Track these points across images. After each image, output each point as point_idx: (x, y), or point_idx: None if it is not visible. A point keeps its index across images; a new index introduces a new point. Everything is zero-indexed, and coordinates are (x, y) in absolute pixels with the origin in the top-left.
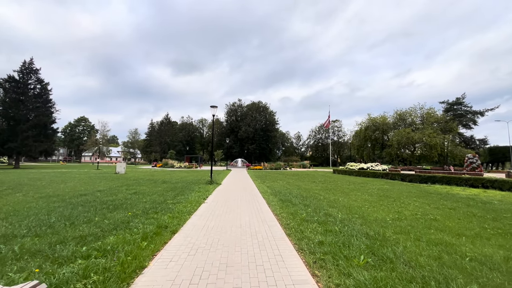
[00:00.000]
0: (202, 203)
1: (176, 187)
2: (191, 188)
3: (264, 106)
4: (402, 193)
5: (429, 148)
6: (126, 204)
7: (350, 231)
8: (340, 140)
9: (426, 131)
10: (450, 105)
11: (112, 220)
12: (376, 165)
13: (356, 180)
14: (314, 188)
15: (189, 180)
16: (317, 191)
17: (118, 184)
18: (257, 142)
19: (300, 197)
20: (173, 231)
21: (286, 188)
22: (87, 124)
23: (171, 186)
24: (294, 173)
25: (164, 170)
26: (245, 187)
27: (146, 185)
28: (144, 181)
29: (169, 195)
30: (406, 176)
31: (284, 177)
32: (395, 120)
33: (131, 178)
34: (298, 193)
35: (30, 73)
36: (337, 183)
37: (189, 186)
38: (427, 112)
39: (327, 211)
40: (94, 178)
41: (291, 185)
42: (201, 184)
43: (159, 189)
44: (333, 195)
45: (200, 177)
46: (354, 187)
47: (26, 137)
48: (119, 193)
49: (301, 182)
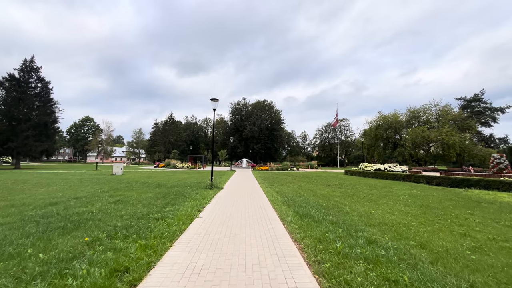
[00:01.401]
0: (195, 219)
1: (169, 193)
2: (187, 195)
3: (269, 104)
4: (443, 201)
5: (446, 147)
6: (95, 219)
7: (430, 282)
8: (347, 140)
9: (443, 129)
10: (468, 102)
11: (52, 254)
12: (394, 166)
13: (375, 183)
14: (332, 194)
15: (188, 183)
16: (338, 199)
17: (105, 189)
18: (263, 141)
19: (321, 208)
20: (133, 281)
21: (299, 194)
22: (92, 124)
23: (164, 191)
24: (303, 175)
25: (164, 171)
26: (251, 192)
27: (136, 190)
28: (137, 185)
29: (157, 205)
30: (432, 179)
31: (294, 179)
32: (408, 118)
33: (125, 180)
34: (315, 201)
35: (31, 72)
36: (355, 187)
37: (185, 191)
38: (443, 109)
39: (367, 234)
40: (84, 180)
41: (304, 190)
42: (200, 188)
43: (148, 196)
44: (360, 205)
45: (200, 179)
46: (378, 192)
47: (26, 136)
48: (98, 202)
49: (315, 186)
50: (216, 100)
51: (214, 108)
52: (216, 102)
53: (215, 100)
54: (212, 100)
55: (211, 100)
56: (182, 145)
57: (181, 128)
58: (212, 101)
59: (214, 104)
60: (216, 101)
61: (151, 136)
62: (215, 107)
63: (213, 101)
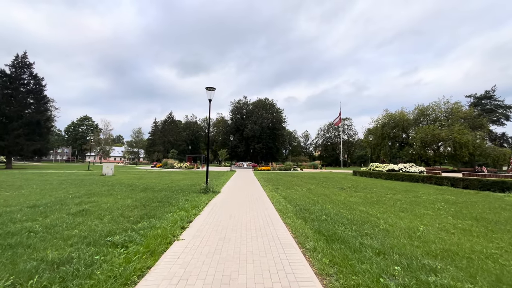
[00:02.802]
0: (174, 242)
1: (153, 199)
2: (174, 202)
3: (270, 103)
4: (497, 211)
5: (458, 146)
6: (23, 245)
7: None
8: (350, 139)
9: (455, 128)
10: (478, 99)
11: None
12: (410, 166)
13: (393, 186)
14: (351, 200)
15: (180, 186)
16: (362, 207)
17: (80, 193)
18: (264, 141)
19: (347, 222)
20: None
21: (312, 201)
22: (91, 124)
23: (148, 196)
24: (309, 175)
25: (159, 172)
26: (253, 198)
27: (116, 195)
28: (121, 187)
29: (130, 218)
30: (457, 181)
31: (300, 181)
32: (416, 116)
33: (111, 182)
34: (336, 212)
35: (23, 68)
36: (373, 190)
37: (173, 197)
38: (454, 107)
39: (443, 277)
40: (65, 182)
41: (316, 195)
42: (192, 192)
43: (126, 203)
44: (395, 217)
45: (196, 181)
46: (405, 197)
47: (18, 135)
48: (56, 212)
49: (326, 189)
50: (212, 89)
51: (209, 99)
52: (212, 92)
53: (211, 89)
54: (207, 89)
55: (207, 90)
56: (181, 144)
57: (181, 128)
58: (208, 90)
59: (210, 94)
60: (212, 90)
61: (150, 136)
62: (211, 97)
63: (209, 90)
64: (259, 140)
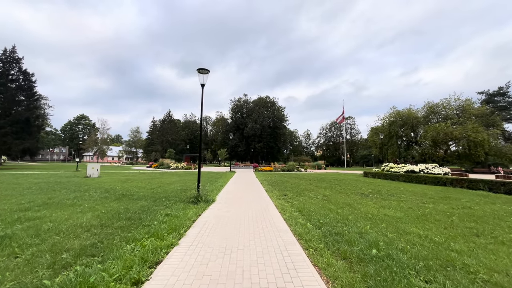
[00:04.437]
0: None
1: (122, 215)
2: (149, 219)
3: (271, 101)
4: None
5: (473, 145)
6: None
7: None
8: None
9: (469, 125)
10: (490, 96)
11: None
12: (433, 167)
13: (422, 191)
14: (387, 213)
15: (168, 191)
16: (414, 229)
17: (36, 202)
18: (265, 140)
19: (419, 265)
20: None
21: (339, 216)
22: (87, 123)
23: (119, 209)
24: (317, 177)
25: (152, 173)
26: (258, 211)
27: (79, 205)
28: (95, 193)
29: (64, 255)
30: (496, 185)
31: (309, 184)
32: (425, 114)
33: (86, 186)
34: (384, 238)
35: (12, 63)
36: (402, 196)
37: (151, 210)
38: (466, 104)
39: None
40: (34, 186)
41: (337, 205)
42: (179, 202)
43: (81, 221)
44: (479, 248)
45: (189, 185)
46: (452, 209)
47: (5, 133)
48: None
49: (346, 197)
50: (205, 72)
51: (202, 84)
52: (205, 76)
53: (203, 72)
54: (199, 71)
55: (199, 72)
56: (180, 144)
57: (180, 127)
58: (200, 73)
59: (202, 77)
60: (205, 73)
61: (148, 135)
62: (203, 81)
63: (201, 73)
64: (259, 139)
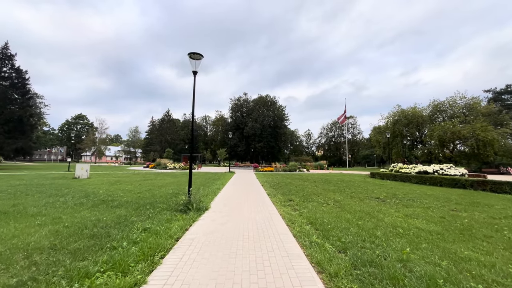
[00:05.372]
0: None
1: (90, 229)
2: (120, 237)
3: (272, 100)
4: None
5: (482, 145)
6: None
7: None
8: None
9: (477, 124)
10: (498, 94)
11: None
12: (448, 168)
13: (444, 195)
14: (419, 225)
15: (157, 196)
16: (470, 252)
17: None
18: (265, 139)
19: None
20: None
21: (364, 231)
22: (85, 122)
23: (89, 220)
24: (321, 178)
25: (147, 173)
26: (259, 224)
27: (44, 215)
28: (73, 199)
29: None
30: None
31: (315, 187)
32: (431, 112)
33: (67, 190)
34: (435, 272)
35: (5, 60)
36: (421, 201)
37: (128, 221)
38: (474, 102)
39: None
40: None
41: (354, 214)
42: (166, 210)
43: (31, 239)
44: None
45: (183, 187)
46: (492, 219)
47: None
48: None
49: (361, 202)
50: (197, 57)
51: (194, 71)
52: (198, 62)
53: (196, 57)
54: (191, 56)
55: (190, 58)
56: (179, 144)
57: (179, 126)
58: (191, 58)
59: (194, 64)
60: (197, 59)
61: (147, 135)
62: (195, 68)
63: (193, 58)
64: (260, 139)
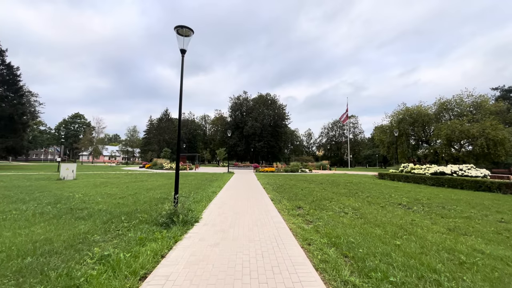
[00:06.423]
0: None
1: (31, 255)
2: (60, 274)
3: (272, 99)
4: None
5: (492, 144)
6: None
7: None
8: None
9: (487, 123)
10: (506, 92)
11: None
12: (468, 168)
13: (474, 200)
14: (482, 247)
15: (141, 202)
16: None
17: None
18: (265, 139)
19: None
20: None
21: (407, 257)
22: (83, 121)
23: (33, 242)
24: (326, 179)
25: (140, 174)
26: (265, 248)
27: None
28: (38, 205)
29: None
30: None
31: (323, 190)
32: (436, 111)
33: (36, 195)
34: None
35: None
36: (455, 209)
37: (88, 243)
38: (482, 100)
39: None
40: None
41: (382, 227)
42: (145, 223)
43: None
44: None
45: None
46: None
47: None
48: None
49: (385, 211)
50: (186, 33)
51: (182, 49)
52: (186, 39)
53: (184, 33)
54: (178, 32)
55: (178, 33)
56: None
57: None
58: (179, 35)
59: (182, 41)
60: (186, 35)
61: (145, 134)
62: (184, 46)
63: (181, 34)
64: (260, 138)
